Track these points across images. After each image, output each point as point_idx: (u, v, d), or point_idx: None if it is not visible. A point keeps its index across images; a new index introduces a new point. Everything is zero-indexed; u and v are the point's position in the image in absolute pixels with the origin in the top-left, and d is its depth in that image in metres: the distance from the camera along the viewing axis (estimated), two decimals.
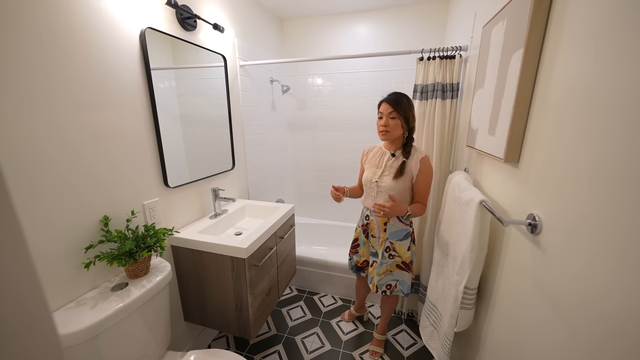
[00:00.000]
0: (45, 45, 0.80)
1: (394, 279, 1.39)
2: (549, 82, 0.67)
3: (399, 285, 1.39)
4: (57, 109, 0.84)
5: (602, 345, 0.48)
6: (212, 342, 1.70)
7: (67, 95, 0.87)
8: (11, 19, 0.73)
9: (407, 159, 1.27)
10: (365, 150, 1.47)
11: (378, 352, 1.59)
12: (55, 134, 0.84)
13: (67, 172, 0.88)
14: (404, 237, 1.35)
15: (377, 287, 1.39)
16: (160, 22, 1.21)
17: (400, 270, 1.37)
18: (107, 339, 0.87)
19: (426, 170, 1.26)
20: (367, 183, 1.36)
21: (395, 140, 1.31)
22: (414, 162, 1.26)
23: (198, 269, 1.31)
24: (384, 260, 1.36)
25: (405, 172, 1.26)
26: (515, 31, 0.79)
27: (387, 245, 1.35)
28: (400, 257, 1.36)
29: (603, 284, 0.49)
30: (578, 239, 0.55)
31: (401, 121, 1.24)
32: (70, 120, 0.88)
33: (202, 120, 1.55)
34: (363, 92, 2.36)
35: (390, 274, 1.37)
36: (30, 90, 0.78)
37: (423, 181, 1.27)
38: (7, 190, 0.26)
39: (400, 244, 1.35)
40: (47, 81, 0.81)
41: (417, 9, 2.13)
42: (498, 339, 0.90)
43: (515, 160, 0.81)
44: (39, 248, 0.82)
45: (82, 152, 0.92)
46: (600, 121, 0.51)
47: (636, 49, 0.44)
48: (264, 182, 2.26)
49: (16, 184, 0.76)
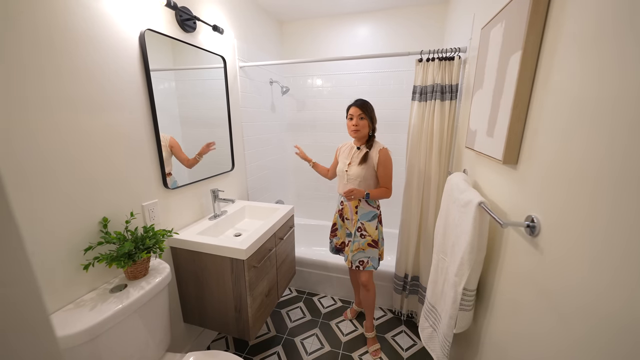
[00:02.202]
0: (43, 46, 0.80)
1: (365, 256, 1.57)
2: (547, 84, 0.68)
3: (370, 261, 1.57)
4: (55, 110, 0.84)
5: (601, 348, 0.48)
6: (211, 343, 1.70)
7: (65, 97, 0.87)
8: (9, 20, 0.73)
9: (369, 149, 1.51)
10: (339, 147, 1.71)
11: (377, 350, 1.62)
12: (54, 136, 0.84)
13: (66, 173, 0.88)
14: (372, 218, 1.56)
15: (351, 263, 1.58)
16: (160, 24, 1.21)
17: (371, 248, 1.56)
18: (106, 341, 0.87)
19: (385, 159, 1.49)
20: (340, 172, 1.60)
21: (362, 137, 1.54)
22: (374, 152, 1.50)
23: (197, 270, 1.31)
24: (356, 239, 1.57)
25: (368, 161, 1.50)
26: (514, 33, 0.79)
27: (358, 226, 1.56)
28: (371, 235, 1.55)
29: (602, 287, 0.49)
30: (576, 241, 0.55)
31: (368, 121, 1.48)
32: (68, 121, 0.88)
33: (201, 121, 1.55)
34: (362, 93, 2.36)
35: (363, 251, 1.57)
36: (28, 92, 0.78)
37: (383, 168, 1.50)
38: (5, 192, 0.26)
39: (369, 224, 1.55)
40: (45, 83, 0.81)
41: (416, 10, 2.13)
42: (497, 340, 0.90)
43: (514, 162, 0.81)
44: (37, 250, 0.82)
45: (81, 153, 0.92)
46: (598, 123, 0.51)
47: (633, 51, 0.44)
48: (264, 183, 2.26)
49: (14, 186, 0.76)
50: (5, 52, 0.72)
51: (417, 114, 1.56)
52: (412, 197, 1.65)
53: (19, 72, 0.75)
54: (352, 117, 1.48)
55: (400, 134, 2.20)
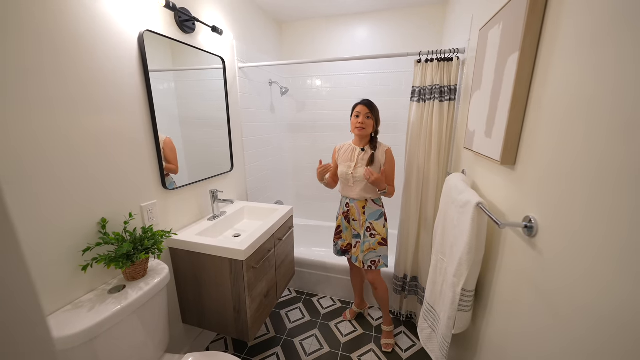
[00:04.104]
0: (42, 47, 0.81)
1: (377, 255, 1.57)
2: (545, 84, 0.68)
3: (382, 260, 1.58)
4: (53, 111, 0.84)
5: (599, 347, 0.49)
6: (210, 344, 1.69)
7: (64, 98, 0.87)
8: (9, 21, 0.73)
9: (374, 151, 1.51)
10: (337, 148, 1.66)
11: (389, 344, 1.65)
12: (53, 136, 0.84)
13: (64, 174, 0.88)
14: (379, 217, 1.57)
15: (363, 263, 1.58)
16: (159, 25, 1.21)
17: (381, 246, 1.57)
18: (104, 342, 0.86)
19: (391, 159, 1.53)
20: (344, 175, 1.56)
21: (365, 137, 1.54)
22: (380, 153, 1.52)
23: (196, 271, 1.31)
24: (365, 239, 1.57)
25: (374, 162, 1.50)
26: (511, 34, 0.79)
27: (367, 226, 1.56)
28: (380, 234, 1.56)
29: (600, 287, 0.49)
30: (574, 242, 0.55)
31: (373, 121, 1.49)
32: (67, 122, 0.88)
33: (201, 121, 1.55)
34: (361, 94, 2.36)
35: (374, 251, 1.57)
36: (27, 93, 0.78)
37: (390, 168, 1.52)
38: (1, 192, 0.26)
39: (377, 223, 1.56)
40: (44, 83, 0.81)
41: (415, 11, 2.14)
42: (495, 341, 0.90)
43: (512, 163, 0.81)
44: (35, 250, 0.82)
45: (79, 154, 0.92)
46: (595, 123, 0.51)
47: (630, 51, 0.45)
48: (263, 184, 2.26)
49: (12, 186, 0.76)
50: (4, 52, 0.72)
51: (416, 114, 1.56)
52: (411, 198, 1.65)
53: (18, 71, 0.75)
54: (359, 115, 1.48)
55: (399, 134, 2.20)
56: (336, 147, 1.66)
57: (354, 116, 1.51)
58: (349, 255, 1.70)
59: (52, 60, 0.83)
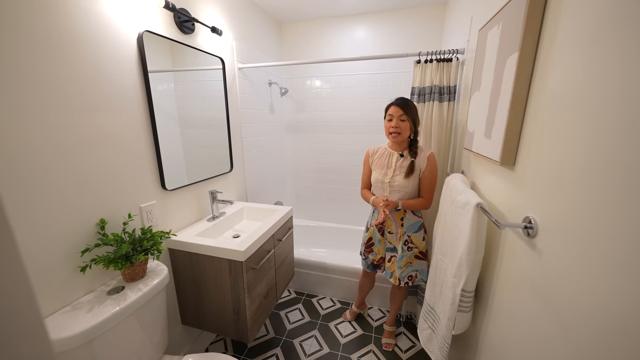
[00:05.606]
0: (40, 47, 0.80)
1: (414, 270, 1.47)
2: (544, 85, 0.68)
3: (419, 274, 1.48)
4: (52, 111, 0.84)
5: (602, 351, 0.48)
6: (209, 345, 1.69)
7: (62, 98, 0.86)
8: (6, 20, 0.73)
9: (414, 158, 1.36)
10: (370, 152, 1.51)
11: (390, 344, 1.64)
12: (51, 137, 0.84)
13: (62, 175, 0.88)
14: (419, 229, 1.45)
15: (399, 280, 1.46)
16: (158, 25, 1.21)
17: (419, 260, 1.46)
18: (103, 344, 0.86)
19: (433, 167, 1.36)
20: (379, 184, 1.43)
21: (402, 142, 1.38)
22: (421, 159, 1.36)
23: (195, 272, 1.31)
24: (403, 253, 1.44)
25: (414, 170, 1.35)
26: (510, 35, 0.79)
27: (405, 239, 1.44)
28: (418, 247, 1.45)
29: (599, 288, 0.49)
30: (573, 242, 0.55)
31: (410, 123, 1.32)
32: (65, 123, 0.88)
33: (200, 122, 1.55)
34: (361, 94, 2.37)
35: (411, 265, 1.46)
36: (24, 93, 0.77)
37: (428, 176, 1.36)
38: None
39: (416, 235, 1.44)
40: (42, 84, 0.81)
41: (415, 12, 2.14)
42: (495, 342, 0.89)
43: (511, 163, 0.81)
44: (33, 252, 0.82)
45: (78, 155, 0.92)
46: (595, 123, 0.51)
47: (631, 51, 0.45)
48: (263, 185, 2.26)
49: (9, 187, 0.75)
50: (2, 52, 0.72)
51: None
52: None
53: (15, 73, 0.75)
54: (392, 118, 1.33)
55: None
56: (369, 150, 1.52)
57: (386, 120, 1.36)
58: (381, 270, 1.60)
59: (49, 61, 0.83)
